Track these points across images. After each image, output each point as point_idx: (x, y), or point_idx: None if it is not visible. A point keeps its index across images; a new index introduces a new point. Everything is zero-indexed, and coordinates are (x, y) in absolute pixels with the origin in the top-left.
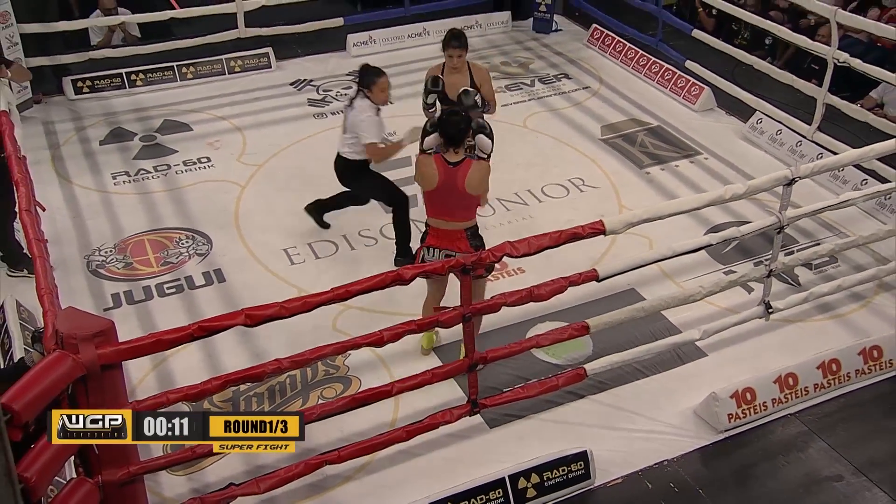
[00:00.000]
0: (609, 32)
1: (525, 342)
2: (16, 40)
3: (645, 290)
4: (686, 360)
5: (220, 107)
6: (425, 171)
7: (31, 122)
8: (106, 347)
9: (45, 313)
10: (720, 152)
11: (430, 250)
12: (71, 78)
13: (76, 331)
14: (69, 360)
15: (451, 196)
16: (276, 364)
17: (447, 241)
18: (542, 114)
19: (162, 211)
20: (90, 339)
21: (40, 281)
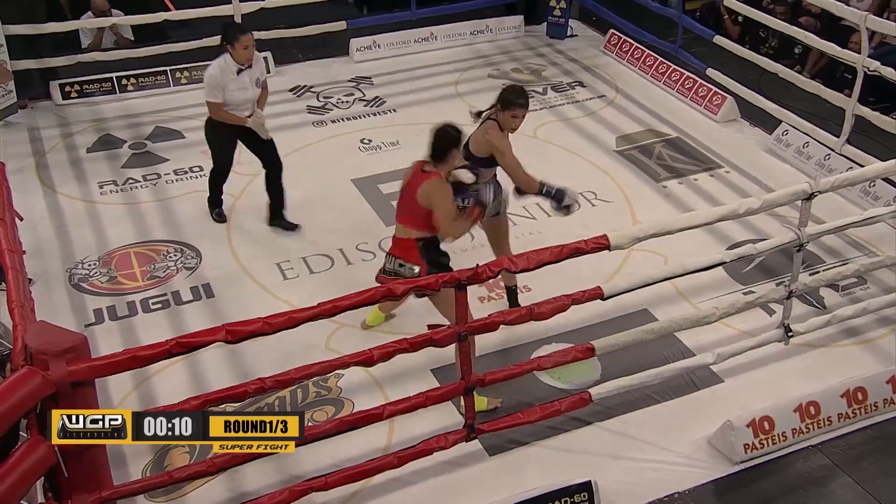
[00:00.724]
0: (627, 38)
1: (525, 364)
2: (1, 41)
3: (659, 311)
4: (701, 385)
5: None
6: (407, 171)
7: (15, 127)
8: (78, 364)
9: (16, 328)
10: (743, 165)
11: (390, 258)
12: (59, 82)
13: (46, 346)
14: (38, 377)
15: (404, 199)
16: (259, 383)
17: (400, 248)
18: (553, 123)
19: (150, 222)
20: (61, 355)
21: (11, 294)
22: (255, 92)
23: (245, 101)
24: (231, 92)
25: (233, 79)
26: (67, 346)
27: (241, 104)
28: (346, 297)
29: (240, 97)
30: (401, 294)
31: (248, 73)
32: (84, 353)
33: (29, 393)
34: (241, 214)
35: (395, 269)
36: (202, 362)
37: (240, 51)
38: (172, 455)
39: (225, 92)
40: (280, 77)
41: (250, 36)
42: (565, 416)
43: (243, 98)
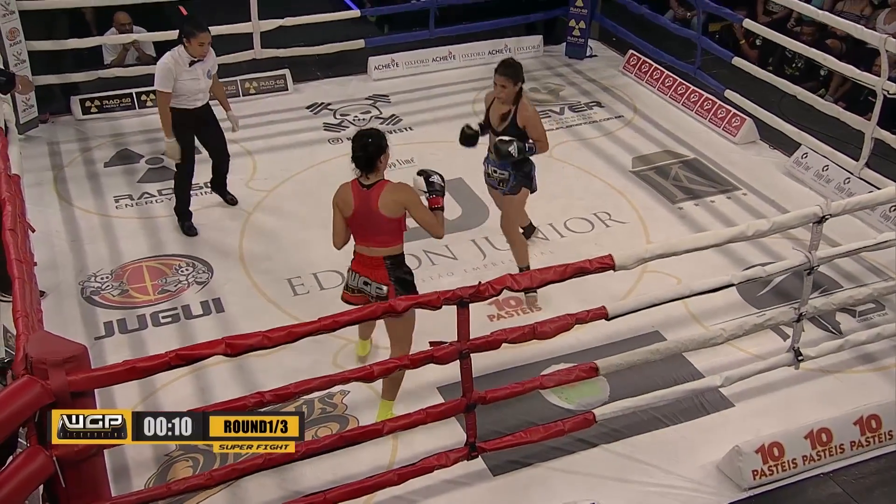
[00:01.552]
0: (646, 59)
1: (528, 383)
2: (23, 57)
3: (670, 334)
4: (711, 410)
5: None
6: (341, 197)
7: (36, 141)
8: (77, 374)
9: (19, 337)
10: (760, 188)
11: (353, 274)
12: (80, 97)
13: (46, 355)
14: (37, 386)
15: (367, 220)
16: (258, 397)
17: (367, 268)
18: (570, 143)
19: (163, 237)
20: (61, 365)
21: (17, 303)
22: (206, 83)
23: (197, 91)
24: (183, 81)
25: (185, 69)
26: (67, 356)
27: (194, 93)
28: (347, 313)
29: (192, 87)
30: (402, 310)
31: (200, 66)
32: (84, 363)
33: (28, 402)
34: (254, 230)
35: (358, 286)
36: (208, 377)
37: (195, 46)
38: (176, 468)
39: (177, 82)
40: (298, 94)
41: (208, 34)
42: (571, 438)
43: (195, 88)
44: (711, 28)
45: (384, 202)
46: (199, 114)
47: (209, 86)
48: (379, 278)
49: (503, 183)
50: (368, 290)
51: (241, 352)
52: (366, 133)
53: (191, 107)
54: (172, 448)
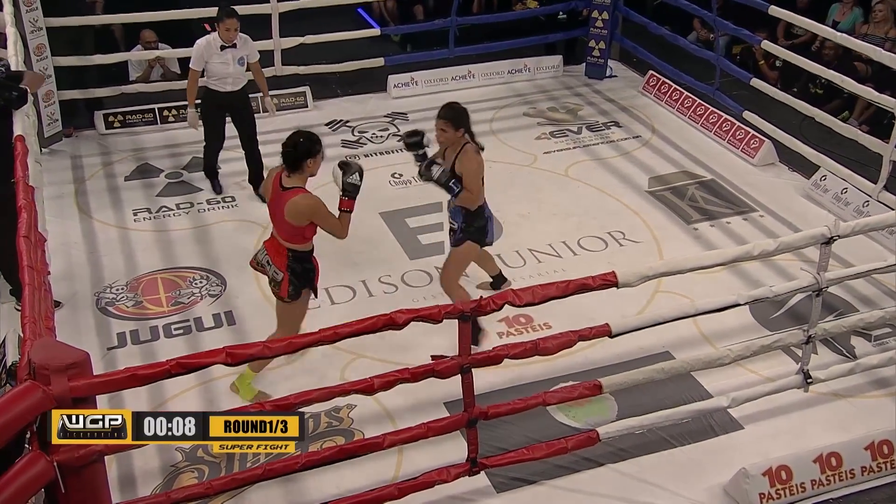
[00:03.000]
0: (666, 79)
1: (530, 399)
2: (49, 73)
3: (680, 355)
4: (719, 431)
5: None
6: (267, 181)
7: (59, 155)
8: (79, 380)
9: (25, 342)
10: (778, 210)
11: (262, 249)
12: (103, 112)
13: (49, 361)
14: (39, 392)
15: (276, 216)
16: (258, 408)
17: (273, 250)
18: (586, 163)
19: (179, 250)
20: (63, 371)
21: (25, 309)
22: (236, 69)
23: (226, 75)
24: (214, 64)
25: (216, 53)
26: (70, 362)
27: (222, 77)
28: (348, 325)
29: (221, 70)
30: (402, 323)
31: (231, 52)
32: (87, 369)
33: (29, 407)
34: None
35: (262, 262)
36: (217, 389)
37: (222, 31)
38: (182, 479)
39: (210, 64)
40: (317, 111)
41: (234, 20)
42: (577, 456)
43: (224, 72)
44: (734, 50)
45: (290, 210)
46: (229, 98)
47: (239, 72)
48: (278, 264)
49: (451, 233)
50: (269, 270)
51: (242, 361)
52: (301, 133)
53: (220, 89)
54: (178, 458)
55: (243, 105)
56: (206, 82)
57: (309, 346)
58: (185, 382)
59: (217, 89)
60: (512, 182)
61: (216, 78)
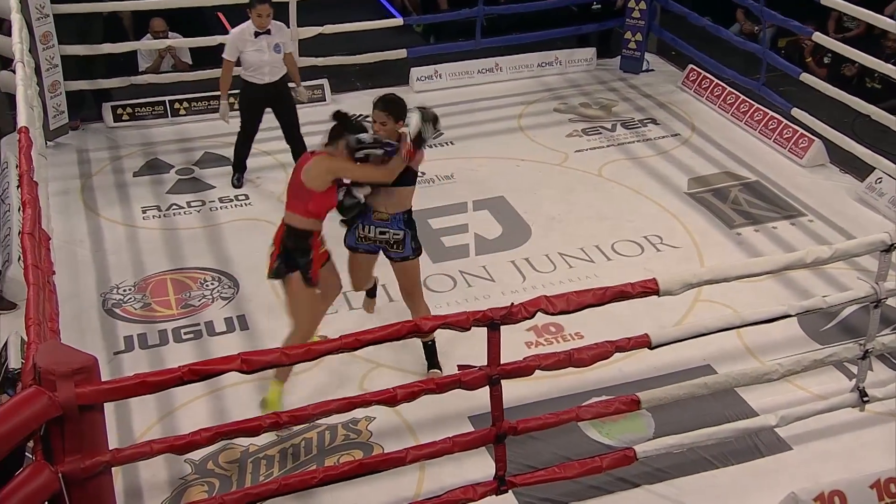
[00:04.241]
0: (707, 74)
1: (563, 414)
2: (56, 62)
3: (723, 369)
4: (766, 452)
5: (265, 140)
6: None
7: (65, 148)
8: (86, 386)
9: (29, 345)
10: (829, 214)
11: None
12: (111, 104)
13: (55, 366)
14: (44, 398)
15: (291, 186)
16: (273, 418)
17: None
18: (620, 162)
19: (189, 249)
20: (69, 376)
21: (30, 311)
22: (271, 56)
23: (262, 64)
24: (249, 53)
25: (250, 40)
26: (77, 367)
27: (259, 66)
28: (370, 331)
29: (256, 58)
30: (428, 330)
31: (266, 39)
32: (94, 375)
33: (34, 414)
34: None
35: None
36: (228, 397)
37: (254, 17)
38: (191, 493)
39: (245, 53)
40: (336, 105)
41: (266, 6)
42: (611, 476)
43: (260, 60)
44: (780, 43)
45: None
46: (268, 89)
47: (277, 60)
48: (275, 239)
49: (398, 245)
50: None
51: (258, 369)
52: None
53: (259, 81)
54: (188, 471)
55: (284, 95)
56: (242, 74)
57: (330, 353)
58: (195, 390)
59: (255, 81)
60: (541, 182)
61: (253, 68)
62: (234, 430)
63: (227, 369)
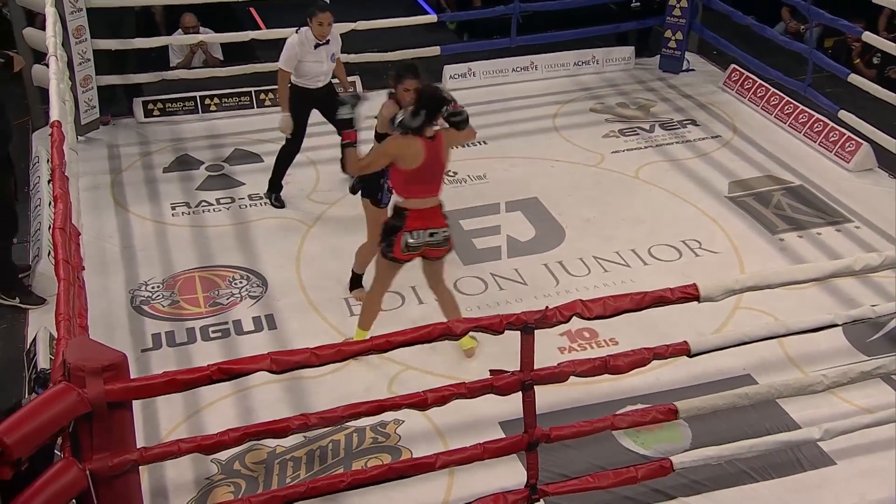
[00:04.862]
0: (750, 75)
1: (598, 422)
2: (88, 56)
3: (763, 379)
4: (808, 467)
5: None
6: (409, 150)
7: (96, 143)
8: (115, 383)
9: (59, 341)
10: (876, 221)
11: (414, 233)
12: (142, 99)
13: (85, 362)
14: (74, 394)
15: (433, 170)
16: (302, 419)
17: (429, 219)
18: (659, 164)
19: (218, 247)
20: (99, 373)
21: (60, 306)
22: (329, 66)
23: (319, 74)
24: (308, 63)
25: (310, 51)
26: (106, 364)
27: (316, 76)
28: (401, 333)
29: (315, 69)
30: (460, 333)
31: (324, 49)
32: (123, 372)
33: (63, 410)
34: (313, 243)
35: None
36: (255, 397)
37: (315, 26)
38: (216, 493)
39: (302, 63)
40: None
41: (328, 15)
42: (646, 487)
43: (318, 70)
44: (826, 44)
45: (446, 151)
46: (319, 94)
47: (331, 69)
48: (442, 224)
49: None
50: (434, 239)
51: (287, 369)
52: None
53: (311, 86)
54: (214, 471)
55: (332, 95)
56: (296, 81)
57: (360, 355)
58: (222, 390)
59: (308, 87)
60: (576, 183)
61: (308, 77)
62: (263, 431)
63: (257, 369)
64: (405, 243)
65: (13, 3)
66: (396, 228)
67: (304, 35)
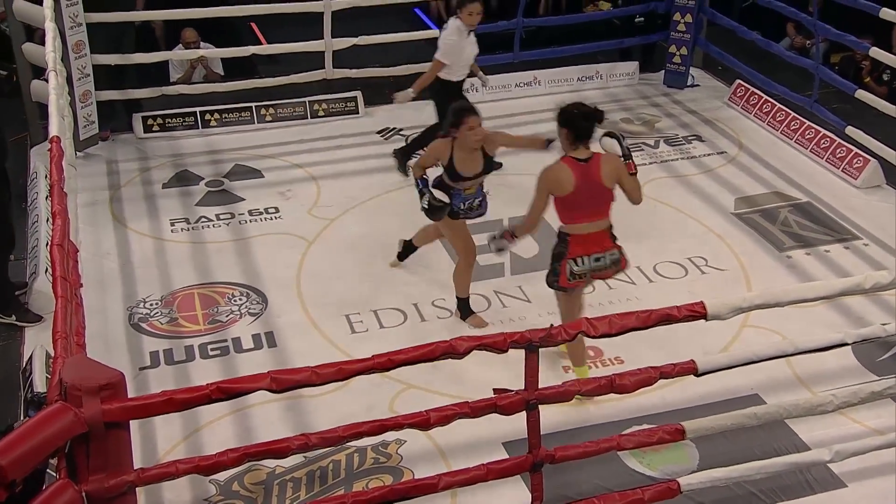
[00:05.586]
0: (755, 90)
1: (603, 442)
2: (87, 71)
3: (771, 398)
4: (818, 489)
5: (297, 153)
6: (555, 177)
7: (94, 159)
8: (112, 403)
9: (56, 360)
10: (885, 238)
11: (580, 259)
12: (142, 115)
13: (81, 381)
14: (70, 414)
15: (591, 193)
16: (302, 439)
17: (594, 244)
18: (664, 180)
19: (218, 263)
20: (96, 392)
21: (57, 324)
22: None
23: (471, 59)
24: (465, 52)
25: (466, 39)
26: (103, 383)
27: (466, 64)
28: (404, 351)
29: (470, 55)
30: (463, 352)
31: (473, 36)
32: (121, 391)
33: (59, 430)
34: (314, 259)
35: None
36: (255, 417)
37: (465, 16)
38: None
39: (461, 52)
40: (369, 118)
41: (478, 3)
42: None
43: (472, 55)
44: (833, 59)
45: (605, 173)
46: (458, 87)
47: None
48: (608, 247)
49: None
50: (601, 263)
51: (288, 388)
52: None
53: (455, 78)
54: (212, 492)
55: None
56: (443, 74)
57: (361, 374)
58: (221, 409)
59: (452, 79)
60: None
61: (460, 66)
62: (262, 452)
63: (257, 388)
64: (570, 271)
65: (12, 17)
66: (560, 256)
67: (456, 27)
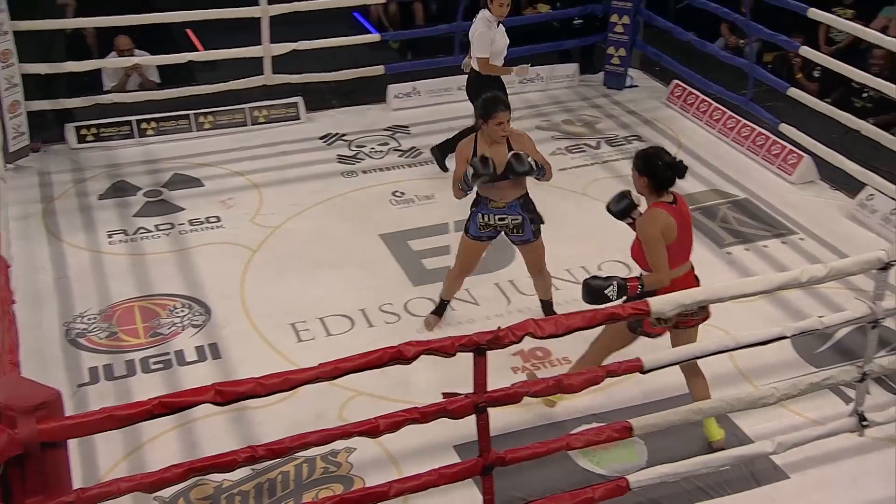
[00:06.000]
0: (692, 90)
1: (553, 442)
2: (15, 81)
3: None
4: (762, 481)
5: (237, 161)
6: (665, 224)
7: (26, 171)
8: (49, 422)
9: None
10: (820, 232)
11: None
12: (75, 125)
13: (15, 401)
14: (4, 436)
15: (688, 234)
16: (249, 452)
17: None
18: (606, 180)
19: (158, 275)
20: (31, 412)
21: None
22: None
23: (503, 50)
24: (497, 42)
25: (497, 30)
26: (38, 403)
27: (501, 53)
28: (351, 358)
29: (502, 46)
30: (411, 357)
31: (503, 26)
32: (57, 410)
33: None
34: (257, 268)
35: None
36: (200, 430)
37: (495, 7)
38: None
39: (494, 43)
40: (311, 124)
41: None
42: None
43: (503, 46)
44: (766, 58)
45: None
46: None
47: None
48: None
49: (517, 229)
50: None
51: (232, 400)
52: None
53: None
54: None
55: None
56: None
57: (307, 383)
58: (164, 424)
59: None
60: None
61: (496, 56)
62: (208, 466)
63: (201, 401)
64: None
65: None
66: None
67: (487, 18)
